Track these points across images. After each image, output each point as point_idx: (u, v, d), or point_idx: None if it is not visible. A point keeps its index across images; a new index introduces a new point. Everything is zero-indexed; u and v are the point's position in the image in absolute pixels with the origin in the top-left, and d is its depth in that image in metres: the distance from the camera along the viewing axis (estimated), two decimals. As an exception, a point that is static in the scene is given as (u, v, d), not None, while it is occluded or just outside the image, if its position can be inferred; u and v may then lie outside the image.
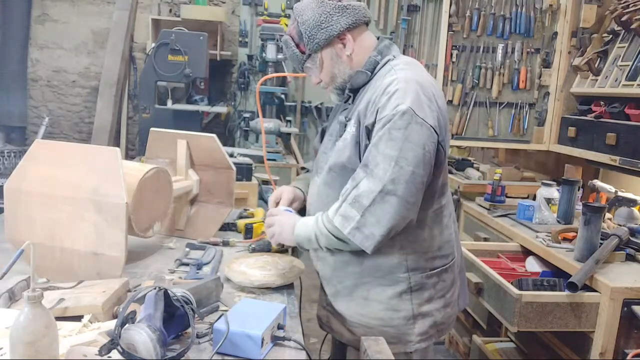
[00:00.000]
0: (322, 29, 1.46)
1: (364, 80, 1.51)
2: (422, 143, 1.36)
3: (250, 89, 5.13)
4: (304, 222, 1.50)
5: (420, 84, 1.41)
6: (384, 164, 1.35)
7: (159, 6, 5.30)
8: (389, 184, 1.34)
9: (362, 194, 1.37)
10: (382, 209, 1.35)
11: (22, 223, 1.56)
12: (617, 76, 2.52)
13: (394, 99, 1.37)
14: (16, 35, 4.97)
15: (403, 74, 1.43)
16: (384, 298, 1.50)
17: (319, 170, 1.59)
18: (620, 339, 1.78)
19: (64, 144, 1.60)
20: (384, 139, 1.36)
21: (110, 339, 1.08)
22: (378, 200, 1.35)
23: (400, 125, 1.35)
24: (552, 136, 3.00)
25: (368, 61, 1.50)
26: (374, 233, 1.37)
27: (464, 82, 3.07)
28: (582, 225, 1.93)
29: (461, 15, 3.02)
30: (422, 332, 1.51)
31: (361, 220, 1.37)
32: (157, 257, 1.81)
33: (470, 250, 2.27)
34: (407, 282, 1.49)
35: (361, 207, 1.37)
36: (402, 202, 1.36)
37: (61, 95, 5.37)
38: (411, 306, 1.50)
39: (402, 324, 1.50)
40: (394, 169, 1.34)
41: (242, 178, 3.25)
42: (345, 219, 1.39)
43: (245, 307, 1.33)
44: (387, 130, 1.36)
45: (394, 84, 1.40)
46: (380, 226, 1.36)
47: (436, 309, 1.53)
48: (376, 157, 1.37)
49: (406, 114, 1.35)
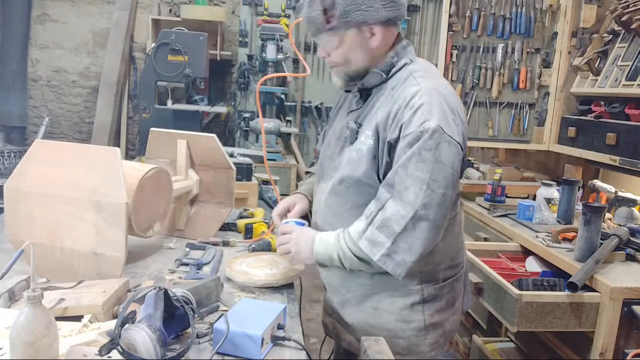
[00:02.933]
0: (359, 10, 1.32)
1: (378, 81, 1.41)
2: (451, 163, 1.31)
3: (250, 89, 5.13)
4: (324, 240, 1.42)
5: (443, 96, 1.34)
6: (415, 187, 1.28)
7: (159, 6, 5.31)
8: (421, 209, 1.28)
9: (391, 218, 1.30)
10: (414, 236, 1.30)
11: (22, 223, 1.56)
12: (617, 76, 2.52)
13: (419, 114, 1.30)
14: (16, 35, 4.97)
15: (425, 83, 1.34)
16: (394, 309, 1.46)
17: (326, 177, 1.51)
18: (620, 339, 1.78)
19: (64, 144, 1.60)
20: (413, 160, 1.29)
21: (110, 339, 1.08)
22: (410, 226, 1.29)
23: (431, 145, 1.28)
24: (552, 136, 3.00)
25: (385, 62, 1.40)
26: (405, 260, 1.31)
27: (464, 82, 3.07)
28: (582, 225, 1.93)
29: (461, 15, 3.02)
30: (433, 342, 1.48)
31: (392, 247, 1.31)
32: (157, 257, 1.80)
33: (470, 250, 2.27)
34: (420, 294, 1.45)
35: (392, 233, 1.30)
36: (434, 227, 1.31)
37: (61, 95, 5.38)
38: (423, 317, 1.46)
39: (413, 335, 1.46)
40: (426, 193, 1.28)
41: (242, 178, 3.25)
42: (373, 244, 1.32)
43: (245, 307, 1.33)
44: (417, 151, 1.28)
45: (418, 97, 1.32)
46: (412, 253, 1.31)
47: (446, 319, 1.50)
48: (405, 179, 1.30)
49: (436, 132, 1.28)
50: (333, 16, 1.34)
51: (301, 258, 1.48)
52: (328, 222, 1.50)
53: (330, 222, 1.49)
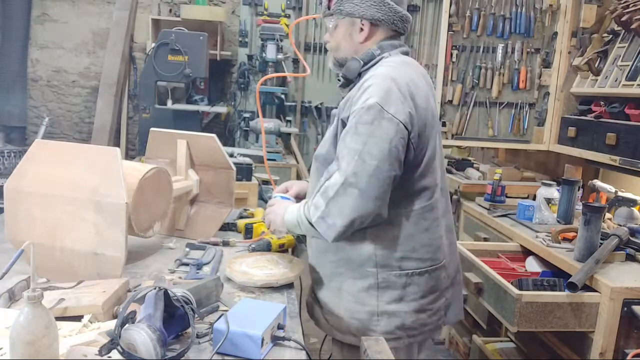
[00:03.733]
0: (352, 2, 1.50)
1: (356, 69, 1.52)
2: (388, 138, 1.38)
3: (250, 89, 5.12)
4: (292, 209, 1.55)
5: (395, 81, 1.42)
6: (348, 157, 1.39)
7: (159, 6, 5.30)
8: (351, 177, 1.38)
9: (329, 185, 1.42)
10: (344, 201, 1.39)
11: (22, 223, 1.56)
12: (617, 76, 2.52)
13: (366, 93, 1.41)
14: (16, 35, 4.97)
15: (384, 70, 1.46)
16: (353, 290, 1.53)
17: None
18: (620, 339, 1.78)
19: (64, 144, 1.60)
20: (350, 133, 1.41)
21: (110, 339, 1.08)
22: (341, 192, 1.39)
23: (367, 120, 1.38)
24: (552, 136, 3.00)
25: (366, 52, 1.52)
26: (336, 223, 1.40)
27: (464, 82, 3.07)
28: (582, 225, 1.93)
29: (461, 15, 3.02)
30: (386, 332, 1.50)
31: (325, 210, 1.41)
32: (157, 257, 1.81)
33: (470, 250, 2.27)
34: (375, 278, 1.51)
35: (326, 197, 1.41)
36: (364, 196, 1.39)
37: (61, 95, 5.37)
38: (376, 302, 1.51)
39: (366, 318, 1.52)
40: (357, 163, 1.38)
41: (242, 178, 3.25)
42: (315, 208, 1.44)
43: (245, 307, 1.33)
44: (354, 125, 1.40)
45: (371, 79, 1.43)
46: (342, 217, 1.39)
47: (405, 312, 1.51)
48: (342, 150, 1.42)
49: (372, 108, 1.38)
50: (333, 2, 1.54)
51: (277, 225, 1.59)
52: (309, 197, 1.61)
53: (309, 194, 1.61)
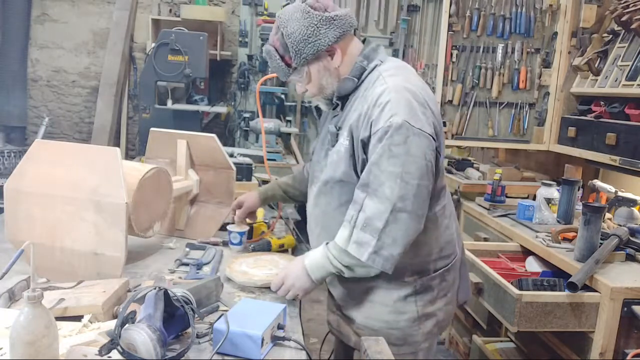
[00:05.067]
0: (309, 43, 1.40)
1: (352, 87, 1.47)
2: (422, 154, 1.35)
3: (250, 89, 5.12)
4: (314, 264, 1.45)
5: (410, 91, 1.39)
6: (390, 182, 1.33)
7: (159, 6, 5.30)
8: (399, 202, 1.33)
9: (372, 216, 1.34)
10: (397, 228, 1.34)
11: (22, 223, 1.56)
12: (617, 76, 2.52)
13: (387, 110, 1.35)
14: (16, 35, 4.96)
15: (392, 81, 1.40)
16: (389, 301, 1.50)
17: (314, 180, 1.58)
18: (620, 339, 1.78)
19: (64, 144, 1.60)
20: (385, 157, 1.34)
21: (110, 339, 1.08)
22: (391, 220, 1.33)
23: (399, 140, 1.33)
24: (552, 136, 3.00)
25: (354, 68, 1.47)
26: (392, 254, 1.35)
27: (464, 82, 3.07)
28: (582, 225, 1.93)
29: (461, 15, 3.02)
30: (427, 332, 1.53)
31: (378, 243, 1.34)
32: (157, 257, 1.81)
33: (470, 250, 2.27)
34: (413, 286, 1.50)
35: (375, 230, 1.34)
36: (413, 217, 1.35)
37: (61, 95, 5.37)
38: (416, 308, 1.50)
39: (407, 325, 1.50)
40: (401, 186, 1.33)
41: (242, 178, 3.24)
42: (360, 245, 1.36)
43: (245, 307, 1.33)
44: (386, 148, 1.34)
45: (385, 94, 1.37)
46: (396, 246, 1.35)
47: (439, 309, 1.54)
48: (379, 176, 1.34)
49: (402, 127, 1.33)
50: (290, 59, 1.44)
51: (305, 290, 1.47)
52: (319, 220, 1.57)
53: (320, 220, 1.57)
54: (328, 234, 1.50)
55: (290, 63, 1.45)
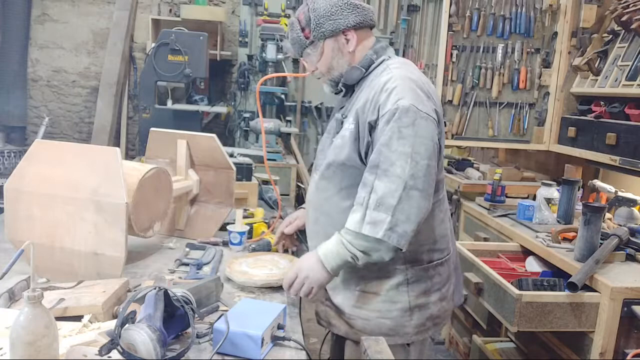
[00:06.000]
0: (330, 20, 1.50)
1: (358, 77, 1.54)
2: (430, 136, 1.41)
3: (250, 89, 5.12)
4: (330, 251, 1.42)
5: (414, 81, 1.46)
6: (401, 161, 1.37)
7: (159, 6, 5.30)
8: (410, 180, 1.36)
9: (384, 195, 1.36)
10: (410, 205, 1.37)
11: (22, 223, 1.56)
12: (617, 76, 2.52)
13: (394, 94, 1.41)
14: (16, 35, 4.97)
15: (398, 72, 1.47)
16: (381, 290, 1.51)
17: (317, 167, 1.61)
18: (620, 339, 1.78)
19: (64, 144, 1.60)
20: (394, 138, 1.38)
21: (110, 339, 1.08)
22: (404, 197, 1.36)
23: (407, 122, 1.38)
24: (552, 136, 3.00)
25: (364, 59, 1.54)
26: (406, 230, 1.37)
27: (464, 82, 3.07)
28: (582, 225, 1.93)
29: (461, 15, 3.02)
30: (418, 324, 1.53)
31: (392, 220, 1.36)
32: (157, 257, 1.81)
33: (470, 250, 2.27)
34: (404, 275, 1.51)
35: (389, 207, 1.36)
36: (424, 195, 1.39)
37: (61, 95, 5.37)
38: (408, 298, 1.51)
39: (399, 315, 1.51)
40: (411, 165, 1.37)
41: (242, 178, 3.24)
42: (374, 225, 1.36)
43: (245, 307, 1.33)
44: (395, 129, 1.38)
45: (392, 81, 1.44)
46: (410, 222, 1.37)
47: (432, 302, 1.55)
48: (390, 156, 1.38)
49: (409, 110, 1.38)
50: (310, 32, 1.52)
51: (320, 282, 1.44)
52: (319, 205, 1.58)
53: (320, 205, 1.57)
54: (326, 219, 1.53)
55: (308, 36, 1.53)
